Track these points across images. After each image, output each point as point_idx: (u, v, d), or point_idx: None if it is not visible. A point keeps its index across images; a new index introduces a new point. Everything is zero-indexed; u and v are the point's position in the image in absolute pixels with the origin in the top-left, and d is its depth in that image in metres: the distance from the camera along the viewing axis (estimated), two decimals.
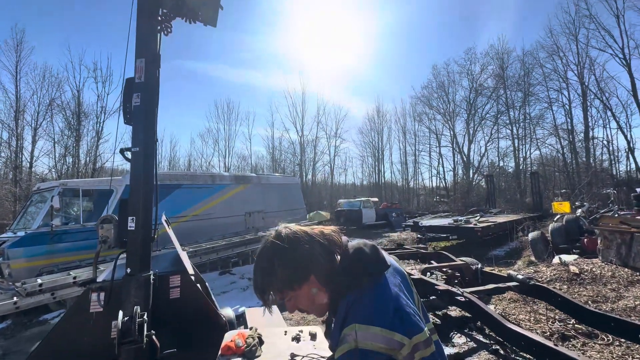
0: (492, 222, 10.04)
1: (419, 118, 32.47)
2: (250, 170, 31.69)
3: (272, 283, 0.81)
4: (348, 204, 18.13)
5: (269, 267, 0.80)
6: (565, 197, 14.73)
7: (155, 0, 2.48)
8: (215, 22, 3.21)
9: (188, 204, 7.76)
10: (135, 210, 2.13)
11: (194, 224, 7.83)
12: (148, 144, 2.24)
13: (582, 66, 20.70)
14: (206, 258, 5.67)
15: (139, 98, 2.25)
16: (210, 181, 8.43)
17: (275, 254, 0.80)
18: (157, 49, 2.43)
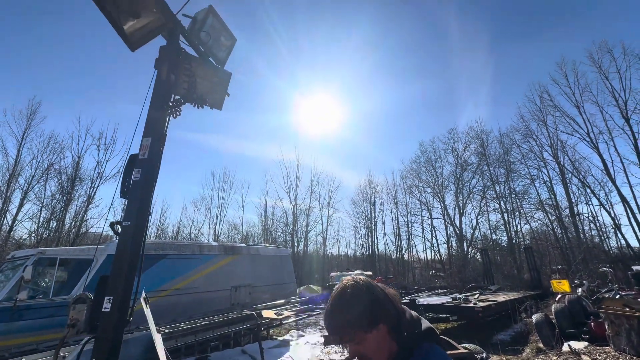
0: (492, 302, 9.51)
1: (409, 190, 33.50)
2: (241, 239, 30.84)
3: (350, 322, 0.87)
4: (340, 278, 17.23)
5: (349, 307, 0.88)
6: (563, 273, 14.34)
7: (169, 88, 2.78)
8: (221, 106, 3.56)
9: (171, 276, 7.27)
10: (114, 289, 2.00)
11: (175, 299, 7.22)
12: (140, 218, 2.23)
13: (555, 147, 22.58)
14: (183, 341, 5.06)
15: (139, 173, 2.33)
16: (197, 251, 8.08)
17: (355, 296, 0.89)
18: (164, 130, 2.62)
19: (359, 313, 0.87)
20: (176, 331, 4.98)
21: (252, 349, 7.06)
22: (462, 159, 29.78)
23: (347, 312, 0.88)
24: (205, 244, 9.23)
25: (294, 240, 30.25)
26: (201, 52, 3.29)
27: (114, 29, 2.54)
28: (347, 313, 0.88)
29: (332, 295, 0.94)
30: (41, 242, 17.34)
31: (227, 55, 3.63)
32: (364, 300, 0.88)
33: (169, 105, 2.71)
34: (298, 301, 9.14)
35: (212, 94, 3.36)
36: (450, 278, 22.03)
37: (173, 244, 8.00)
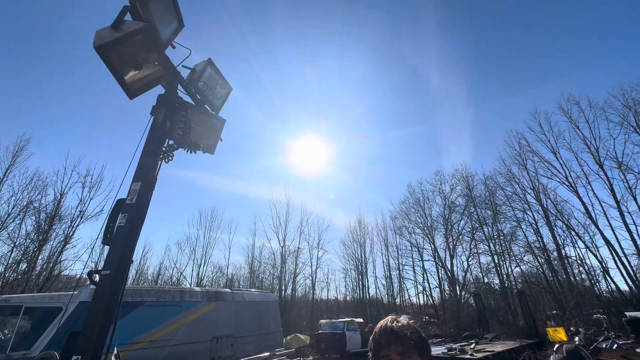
0: (489, 352, 9.06)
1: (399, 231, 33.35)
2: (226, 282, 29.31)
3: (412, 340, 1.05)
4: (330, 326, 16.24)
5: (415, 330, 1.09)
6: (558, 319, 14.03)
7: (164, 134, 2.84)
8: (214, 151, 3.62)
9: (147, 327, 6.68)
10: (84, 348, 1.83)
11: (149, 352, 6.55)
12: (121, 267, 2.13)
13: (537, 190, 23.41)
14: None
15: (125, 219, 2.27)
16: (178, 297, 7.54)
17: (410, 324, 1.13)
18: (155, 175, 2.62)
19: (421, 339, 1.08)
20: None
21: None
22: (449, 200, 30.34)
23: (410, 330, 1.07)
24: (187, 289, 8.68)
25: (282, 284, 28.92)
26: (197, 100, 3.43)
27: (114, 78, 2.65)
28: (414, 334, 1.07)
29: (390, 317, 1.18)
30: (6, 286, 16.00)
31: (223, 102, 3.79)
32: (420, 331, 1.11)
33: (161, 151, 2.75)
34: (284, 354, 8.45)
35: (205, 139, 3.44)
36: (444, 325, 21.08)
37: (152, 289, 7.48)
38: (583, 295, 17.26)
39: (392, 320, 1.13)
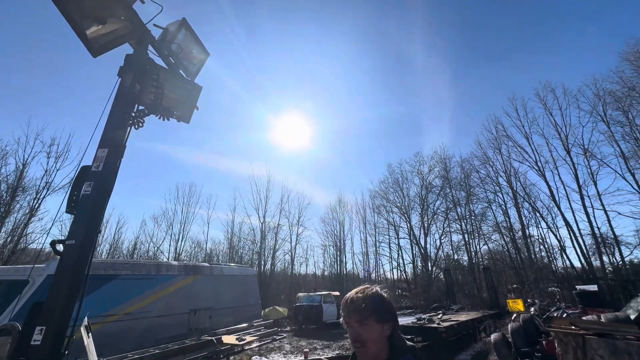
0: (454, 322, 9.76)
1: (378, 210, 34.27)
2: (204, 257, 29.28)
3: (370, 307, 1.09)
4: (307, 299, 16.82)
5: (374, 297, 1.12)
6: (517, 293, 15.25)
7: (133, 98, 2.64)
8: (190, 120, 3.43)
9: (122, 299, 6.59)
10: (48, 318, 1.75)
11: (125, 324, 6.52)
12: (88, 238, 2.02)
13: (509, 174, 24.54)
14: None
15: (90, 187, 2.13)
16: (154, 271, 7.44)
17: (380, 294, 1.14)
18: (124, 141, 2.45)
19: (380, 305, 1.11)
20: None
21: None
22: (427, 181, 31.29)
23: (371, 300, 1.10)
24: (164, 263, 8.58)
25: (261, 259, 29.29)
26: (171, 64, 3.19)
27: (74, 32, 2.38)
28: (371, 300, 1.10)
29: (358, 288, 1.18)
30: None
31: (199, 69, 3.56)
32: (384, 300, 1.13)
33: (131, 116, 2.56)
34: (262, 324, 8.70)
35: (180, 107, 3.24)
36: (415, 298, 22.44)
37: (126, 263, 7.33)
38: (541, 271, 18.80)
39: (356, 292, 1.16)
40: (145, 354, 5.01)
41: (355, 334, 1.09)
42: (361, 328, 1.08)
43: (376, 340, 1.08)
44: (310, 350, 10.20)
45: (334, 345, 10.90)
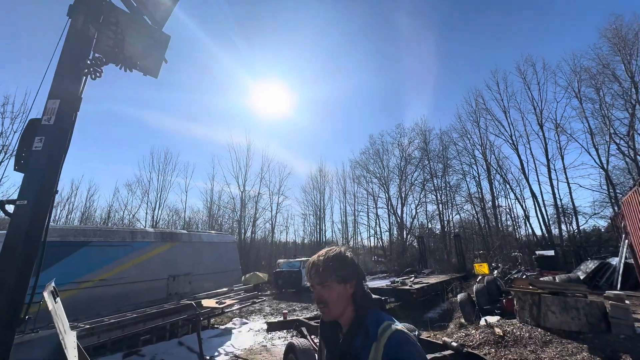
0: (425, 284, 10.43)
1: (357, 180, 34.80)
2: (183, 226, 28.97)
3: (329, 269, 1.08)
4: (287, 265, 17.32)
5: (333, 258, 1.10)
6: (483, 258, 16.45)
7: (86, 42, 2.32)
8: (157, 74, 3.11)
9: (95, 266, 6.43)
10: (1, 285, 1.61)
11: (100, 290, 6.42)
12: (42, 197, 1.83)
13: (484, 147, 25.33)
14: (107, 337, 4.53)
15: (41, 142, 1.90)
16: (128, 238, 7.24)
17: (340, 254, 1.13)
18: (79, 92, 2.18)
19: (339, 265, 1.09)
20: (99, 326, 4.43)
21: (191, 339, 6.70)
22: (406, 152, 31.79)
23: (330, 261, 1.09)
24: (139, 230, 8.36)
25: (241, 227, 29.42)
26: (133, 8, 2.81)
27: None
28: (331, 262, 1.09)
29: (320, 252, 1.16)
30: None
31: (167, 16, 3.17)
32: (345, 259, 1.12)
33: (86, 64, 2.26)
34: (242, 289, 8.90)
35: (145, 58, 2.91)
36: (390, 263, 23.71)
37: (98, 229, 7.06)
38: (506, 238, 20.23)
39: (318, 255, 1.15)
40: (123, 318, 4.98)
41: (318, 296, 1.10)
42: (323, 290, 1.08)
43: (337, 300, 1.08)
44: (289, 311, 10.67)
45: (312, 307, 11.44)
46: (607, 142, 19.45)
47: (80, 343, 4.05)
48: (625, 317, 4.64)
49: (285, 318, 5.57)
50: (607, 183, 19.14)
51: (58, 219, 25.85)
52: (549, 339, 4.70)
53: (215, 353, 6.39)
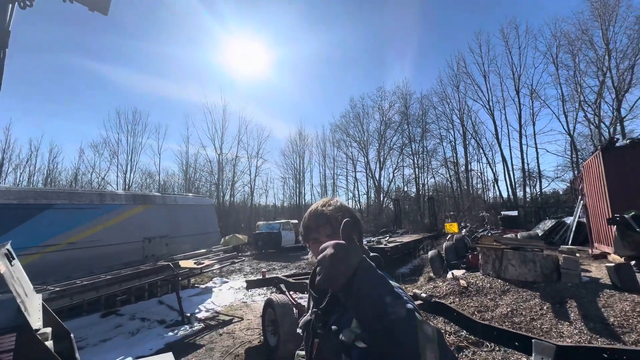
0: (399, 242, 11.00)
1: (337, 144, 34.69)
2: (159, 189, 28.11)
3: (331, 220, 0.96)
4: (267, 227, 17.56)
5: (341, 209, 0.99)
6: (453, 218, 17.44)
7: None
8: (107, 10, 2.70)
9: (62, 229, 6.12)
10: None
11: (70, 253, 6.21)
12: None
13: (462, 111, 25.67)
14: (80, 298, 4.45)
15: None
16: (97, 201, 6.88)
17: (346, 206, 1.02)
18: (5, 24, 1.82)
19: (351, 217, 0.93)
20: (70, 289, 4.32)
21: (171, 298, 6.79)
22: (386, 117, 31.67)
23: (338, 211, 0.97)
24: (108, 192, 7.97)
25: (220, 191, 29.05)
26: None
27: None
28: (338, 212, 0.97)
29: (321, 201, 1.04)
30: None
31: None
32: (352, 212, 1.01)
33: None
34: (221, 250, 8.97)
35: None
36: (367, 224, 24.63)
37: (62, 192, 6.62)
38: (475, 200, 21.44)
39: (323, 204, 1.03)
40: (97, 280, 4.88)
41: (317, 249, 0.97)
42: (317, 245, 0.95)
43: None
44: (269, 270, 11.01)
45: (291, 266, 11.86)
46: (576, 109, 20.25)
47: (50, 305, 3.96)
48: (574, 268, 5.14)
49: (264, 276, 5.71)
50: (572, 149, 20.30)
51: (19, 182, 24.22)
52: (507, 289, 5.16)
53: (196, 310, 6.55)
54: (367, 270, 0.66)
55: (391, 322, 0.57)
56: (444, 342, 0.60)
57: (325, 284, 0.65)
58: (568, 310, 4.22)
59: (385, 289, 0.64)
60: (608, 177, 7.48)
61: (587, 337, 3.60)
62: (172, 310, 6.35)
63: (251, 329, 5.29)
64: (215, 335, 5.10)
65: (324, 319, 0.89)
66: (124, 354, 4.41)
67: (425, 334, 0.57)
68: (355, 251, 0.67)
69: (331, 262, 0.65)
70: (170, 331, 5.27)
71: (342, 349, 0.79)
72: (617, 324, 3.71)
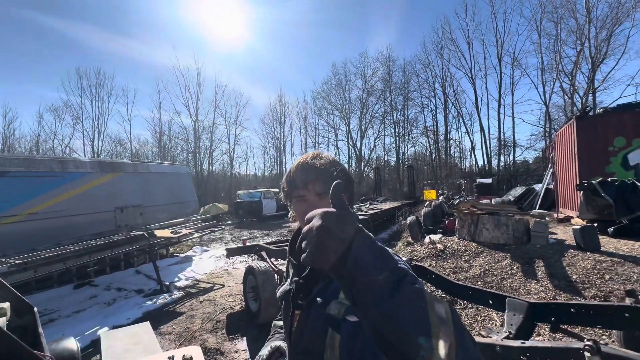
0: (379, 209, 11.22)
1: (319, 112, 33.93)
2: (131, 157, 26.73)
3: (323, 175, 0.81)
4: (248, 195, 17.35)
5: (333, 164, 0.84)
6: (431, 186, 17.98)
7: None
8: None
9: (20, 199, 5.62)
10: None
11: (32, 224, 5.78)
12: None
13: (445, 79, 25.50)
14: (45, 271, 4.18)
15: None
16: (58, 168, 6.32)
17: (338, 162, 0.87)
18: None
19: (347, 179, 0.83)
20: (33, 261, 4.03)
21: (149, 268, 6.63)
22: (369, 84, 30.97)
23: (331, 166, 0.83)
24: (70, 159, 7.34)
25: (197, 159, 28.07)
26: None
27: None
28: (331, 167, 0.83)
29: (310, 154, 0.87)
30: None
31: None
32: (345, 170, 0.87)
33: None
34: (200, 219, 8.75)
35: None
36: None
37: (15, 158, 5.99)
38: (453, 169, 22.09)
39: (313, 156, 0.86)
40: (63, 251, 4.59)
41: (302, 209, 0.81)
42: (322, 202, 0.80)
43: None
44: (251, 238, 11.00)
45: (273, 234, 11.90)
46: (553, 79, 20.61)
47: (11, 279, 3.69)
48: (543, 231, 5.42)
49: (245, 244, 5.63)
50: (546, 118, 20.95)
51: None
52: (480, 251, 5.40)
53: (176, 279, 6.46)
54: (365, 243, 0.50)
55: (396, 308, 0.43)
56: (460, 322, 0.47)
57: (312, 263, 0.49)
58: (536, 270, 4.48)
59: (388, 264, 0.48)
60: (579, 145, 7.76)
61: (552, 293, 3.85)
62: (150, 280, 6.22)
63: (232, 295, 5.29)
64: (196, 302, 5.07)
65: (306, 289, 0.77)
66: (100, 324, 4.29)
67: (438, 316, 0.44)
68: (350, 221, 0.51)
69: (319, 236, 0.48)
70: (148, 300, 5.17)
71: (330, 323, 0.67)
72: (579, 281, 3.98)
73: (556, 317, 2.19)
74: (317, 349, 0.68)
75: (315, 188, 0.80)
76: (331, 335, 0.66)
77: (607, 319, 1.99)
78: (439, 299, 0.47)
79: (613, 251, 4.72)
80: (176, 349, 3.50)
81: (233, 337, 3.81)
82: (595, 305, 2.08)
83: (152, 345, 2.24)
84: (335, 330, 0.66)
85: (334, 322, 0.66)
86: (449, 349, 0.41)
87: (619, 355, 1.50)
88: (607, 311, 1.97)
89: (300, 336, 0.75)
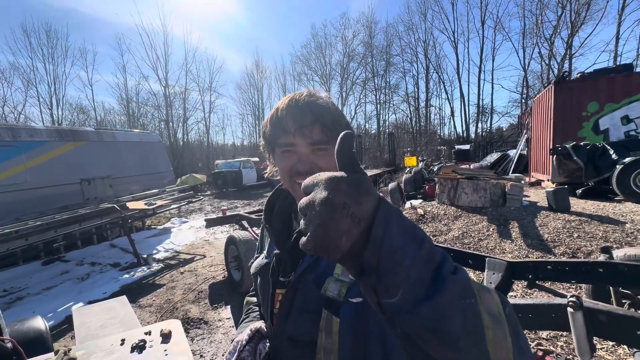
0: None
1: (298, 78, 32.60)
2: (96, 126, 24.88)
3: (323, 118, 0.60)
4: (227, 165, 16.84)
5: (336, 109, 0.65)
6: (411, 153, 18.20)
7: None
8: None
9: None
10: None
11: None
12: None
13: (427, 43, 24.89)
14: (3, 248, 3.84)
15: None
16: (8, 137, 5.65)
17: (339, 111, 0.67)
18: None
19: (345, 121, 0.66)
20: None
21: (125, 241, 6.36)
22: (350, 48, 29.74)
23: (335, 109, 0.64)
24: (22, 126, 6.60)
25: (170, 128, 26.59)
26: None
27: None
28: (336, 110, 0.64)
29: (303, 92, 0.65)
30: None
31: None
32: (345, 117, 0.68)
33: None
34: (176, 189, 8.38)
35: None
36: None
37: None
38: (432, 136, 22.36)
39: (308, 94, 0.64)
40: (22, 227, 4.23)
41: (308, 164, 0.59)
42: (317, 156, 0.60)
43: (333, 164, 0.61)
44: (231, 209, 10.80)
45: (254, 203, 11.74)
46: (533, 44, 20.62)
47: None
48: (518, 194, 5.61)
49: (225, 214, 5.45)
50: (524, 84, 21.26)
51: None
52: (459, 214, 5.55)
53: (154, 251, 6.26)
54: (392, 219, 0.31)
55: (440, 312, 0.28)
56: (513, 314, 0.33)
57: (316, 250, 0.31)
58: (510, 230, 4.67)
59: (424, 247, 0.31)
60: (555, 110, 7.90)
61: (525, 252, 4.03)
62: (126, 253, 5.99)
63: (214, 265, 5.21)
64: (177, 273, 4.95)
65: (291, 264, 0.62)
66: (74, 300, 4.11)
67: (489, 312, 0.30)
68: (367, 189, 0.32)
69: (325, 213, 0.30)
70: (125, 273, 4.99)
71: (327, 307, 0.53)
72: (550, 240, 4.19)
73: (533, 274, 2.25)
74: (308, 338, 0.55)
75: (312, 135, 0.59)
76: (327, 318, 0.53)
77: (582, 274, 2.06)
78: (486, 287, 0.32)
79: (581, 211, 4.98)
80: (156, 322, 3.43)
81: (217, 306, 3.76)
82: (571, 262, 2.14)
83: (130, 320, 2.12)
84: (334, 313, 0.52)
85: (332, 306, 0.53)
86: (506, 356, 0.28)
87: (598, 309, 1.54)
88: (582, 267, 2.04)
89: (284, 320, 0.61)
